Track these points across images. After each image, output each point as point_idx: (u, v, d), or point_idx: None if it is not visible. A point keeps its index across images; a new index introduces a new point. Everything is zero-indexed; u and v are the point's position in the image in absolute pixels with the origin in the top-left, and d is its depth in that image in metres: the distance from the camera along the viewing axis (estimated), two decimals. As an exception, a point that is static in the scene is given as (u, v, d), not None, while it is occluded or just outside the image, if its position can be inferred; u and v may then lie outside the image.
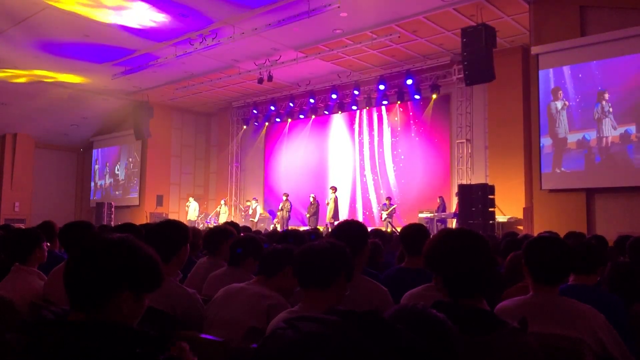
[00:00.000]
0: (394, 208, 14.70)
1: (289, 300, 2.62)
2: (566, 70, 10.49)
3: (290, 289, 2.70)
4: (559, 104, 10.50)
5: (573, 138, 10.33)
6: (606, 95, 9.98)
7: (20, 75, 15.82)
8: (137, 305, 1.38)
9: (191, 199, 18.71)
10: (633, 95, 9.75)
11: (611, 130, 9.87)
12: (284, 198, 16.14)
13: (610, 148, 9.90)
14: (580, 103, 10.33)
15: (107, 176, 21.71)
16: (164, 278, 1.46)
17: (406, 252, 3.50)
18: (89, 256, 1.35)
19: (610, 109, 9.90)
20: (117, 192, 21.02)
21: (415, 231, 3.55)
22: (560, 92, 10.47)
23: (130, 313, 1.36)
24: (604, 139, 9.96)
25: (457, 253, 1.68)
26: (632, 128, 9.68)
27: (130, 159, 20.68)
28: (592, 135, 10.09)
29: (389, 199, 14.87)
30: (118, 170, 21.26)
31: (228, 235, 3.86)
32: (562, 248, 2.23)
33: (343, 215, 15.49)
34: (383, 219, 14.60)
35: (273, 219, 17.19)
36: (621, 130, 9.79)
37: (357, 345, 0.68)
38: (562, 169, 10.42)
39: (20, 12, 11.70)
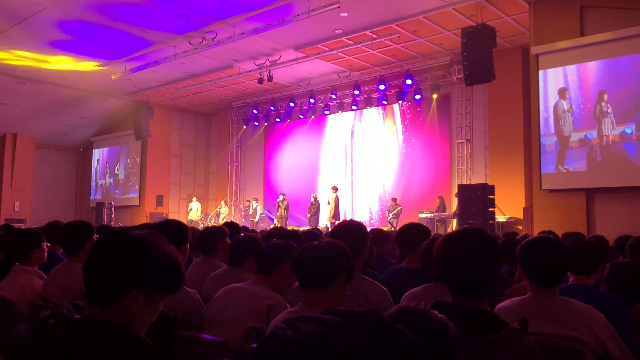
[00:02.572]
0: (400, 209, 14.66)
1: (284, 297, 2.62)
2: (569, 70, 10.52)
3: (287, 286, 2.70)
4: (566, 104, 10.55)
5: (575, 137, 10.41)
6: (605, 96, 10.02)
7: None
8: (149, 307, 1.30)
9: (194, 199, 18.73)
10: (632, 95, 9.79)
11: (611, 129, 9.93)
12: (281, 197, 16.16)
13: (610, 146, 9.97)
14: (581, 102, 10.37)
15: (107, 176, 21.73)
16: (183, 282, 1.40)
17: (405, 252, 3.50)
18: (104, 251, 1.31)
19: (610, 109, 9.94)
20: (116, 191, 21.04)
21: (414, 231, 3.54)
22: (567, 92, 10.53)
23: (139, 313, 1.29)
24: (605, 137, 10.03)
25: (469, 254, 1.64)
26: (632, 127, 9.74)
27: (129, 160, 20.69)
28: (593, 134, 10.16)
29: (394, 199, 14.85)
30: (118, 170, 21.27)
31: (222, 235, 3.81)
32: (556, 250, 2.20)
33: (343, 215, 15.49)
34: (389, 219, 14.60)
35: (272, 220, 17.20)
36: (620, 129, 9.86)
37: (356, 346, 0.68)
38: (565, 166, 10.47)
39: (21, 12, 11.70)
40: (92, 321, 1.24)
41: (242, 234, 3.70)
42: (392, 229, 13.33)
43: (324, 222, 15.28)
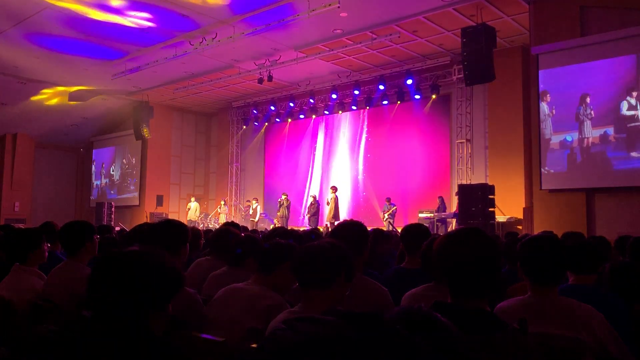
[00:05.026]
0: (395, 209, 14.65)
1: (284, 297, 2.62)
2: (554, 72, 10.60)
3: (287, 286, 2.70)
4: (546, 107, 10.67)
5: (556, 139, 10.56)
6: (587, 99, 10.15)
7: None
8: (163, 319, 1.40)
9: (192, 199, 18.73)
10: (612, 97, 9.92)
11: (591, 131, 10.08)
12: (283, 197, 16.16)
13: (590, 148, 10.11)
14: (563, 105, 10.47)
15: (103, 177, 21.79)
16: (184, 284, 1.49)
17: (407, 252, 3.50)
18: (118, 284, 1.33)
19: (592, 112, 10.06)
20: (111, 192, 21.08)
21: (416, 231, 3.55)
22: (548, 95, 10.63)
23: (159, 328, 1.38)
24: (585, 139, 10.19)
25: (469, 253, 1.64)
26: (611, 129, 9.87)
27: (125, 160, 20.71)
28: (573, 136, 10.30)
29: (388, 199, 14.84)
30: (113, 170, 21.32)
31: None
32: (555, 248, 2.21)
33: (343, 215, 15.49)
34: (384, 219, 14.58)
35: (271, 221, 17.19)
36: (600, 131, 10.00)
37: (356, 347, 0.68)
38: (547, 168, 10.59)
39: (20, 12, 11.70)
40: (125, 328, 1.29)
41: (243, 234, 3.70)
42: (392, 228, 13.33)
43: (324, 222, 15.28)
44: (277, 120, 18.63)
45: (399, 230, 4.54)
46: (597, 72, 10.09)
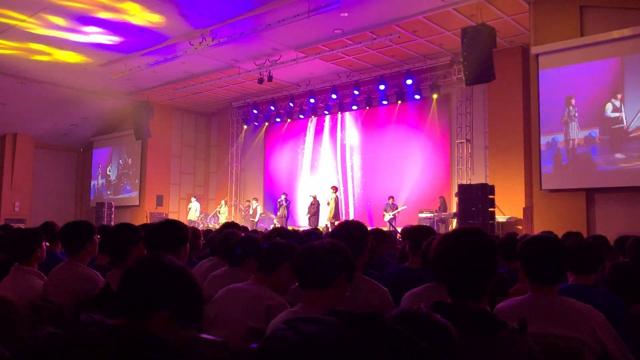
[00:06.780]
0: (398, 209, 14.60)
1: (284, 297, 2.62)
2: (543, 74, 10.63)
3: (287, 286, 2.70)
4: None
5: (543, 140, 10.62)
6: (573, 100, 10.24)
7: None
8: (169, 329, 1.45)
9: (193, 199, 18.73)
10: (598, 99, 9.98)
11: (577, 133, 10.17)
12: (283, 197, 16.15)
13: (576, 149, 10.21)
14: (550, 106, 10.52)
15: (100, 177, 21.82)
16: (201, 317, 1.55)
17: (411, 251, 3.51)
18: (145, 273, 1.45)
19: (577, 113, 10.17)
20: (108, 192, 21.09)
21: (420, 230, 3.57)
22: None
23: (161, 331, 1.42)
24: (571, 141, 10.27)
25: (463, 254, 1.64)
26: (596, 131, 9.95)
27: (121, 161, 20.72)
28: (560, 137, 10.39)
29: (391, 198, 14.81)
30: (110, 171, 21.33)
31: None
32: (555, 248, 2.22)
33: (343, 215, 15.48)
34: (387, 219, 14.56)
35: (272, 220, 17.21)
36: (586, 132, 10.08)
37: (357, 347, 0.68)
38: None
39: (20, 12, 11.69)
40: (126, 328, 1.36)
41: (242, 234, 3.69)
42: (392, 228, 13.33)
43: (324, 222, 15.27)
44: (277, 120, 18.63)
45: (399, 230, 4.55)
46: (584, 74, 10.20)
